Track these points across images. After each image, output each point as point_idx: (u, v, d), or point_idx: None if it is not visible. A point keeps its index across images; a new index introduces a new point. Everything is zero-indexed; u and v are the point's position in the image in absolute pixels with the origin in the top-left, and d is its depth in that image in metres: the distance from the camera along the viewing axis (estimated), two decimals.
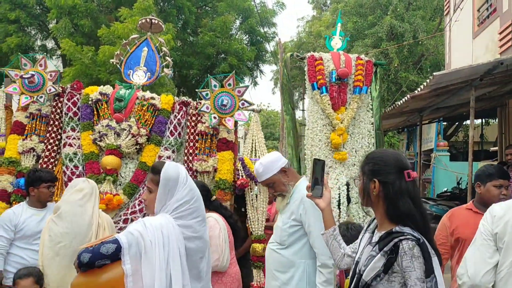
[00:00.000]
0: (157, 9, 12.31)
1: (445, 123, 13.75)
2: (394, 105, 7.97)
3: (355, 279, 1.79)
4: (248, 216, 4.17)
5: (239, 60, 14.52)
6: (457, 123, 14.40)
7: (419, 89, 6.13)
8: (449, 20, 10.52)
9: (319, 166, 2.06)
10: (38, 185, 3.46)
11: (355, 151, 4.16)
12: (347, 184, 4.10)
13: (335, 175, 4.07)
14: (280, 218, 2.95)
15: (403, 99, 7.11)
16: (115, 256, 2.00)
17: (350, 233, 2.62)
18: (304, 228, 2.78)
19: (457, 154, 14.33)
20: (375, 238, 1.82)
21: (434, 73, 5.37)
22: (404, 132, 14.97)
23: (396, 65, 13.93)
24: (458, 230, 2.93)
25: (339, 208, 4.03)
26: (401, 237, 1.68)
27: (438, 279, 1.68)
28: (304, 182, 2.90)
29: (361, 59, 4.24)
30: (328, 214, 2.08)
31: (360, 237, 1.98)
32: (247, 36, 16.25)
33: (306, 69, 4.26)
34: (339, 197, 4.06)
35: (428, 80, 5.66)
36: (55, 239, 3.02)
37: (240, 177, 4.11)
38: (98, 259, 1.98)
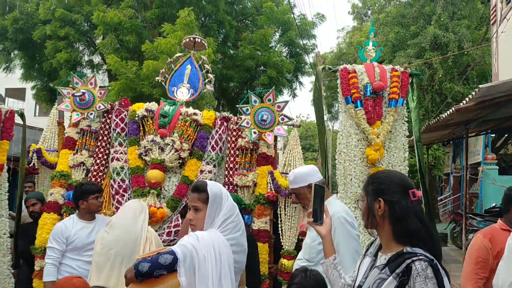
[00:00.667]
0: (198, 24, 12.61)
1: (493, 135, 13.23)
2: (438, 117, 7.77)
3: None
4: (280, 230, 4.17)
5: (278, 72, 14.59)
6: (506, 135, 13.82)
7: (464, 101, 5.96)
8: (495, 30, 10.19)
9: (320, 192, 2.02)
10: (87, 198, 3.64)
11: (392, 166, 4.00)
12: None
13: None
14: (309, 235, 2.96)
15: (448, 112, 6.92)
16: (171, 267, 2.05)
17: (308, 281, 2.39)
18: None
19: (507, 168, 13.72)
20: (381, 260, 1.77)
21: (480, 86, 5.20)
22: (450, 145, 14.51)
23: (440, 75, 13.56)
24: (502, 252, 2.82)
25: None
26: (414, 258, 1.64)
27: None
28: (334, 200, 2.90)
29: (396, 71, 4.09)
30: (328, 242, 2.02)
31: (358, 262, 1.95)
32: (286, 48, 16.33)
33: (339, 82, 4.14)
34: None
35: (473, 93, 5.50)
36: (107, 245, 3.23)
37: (269, 190, 4.13)
38: (157, 269, 2.04)
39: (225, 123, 4.42)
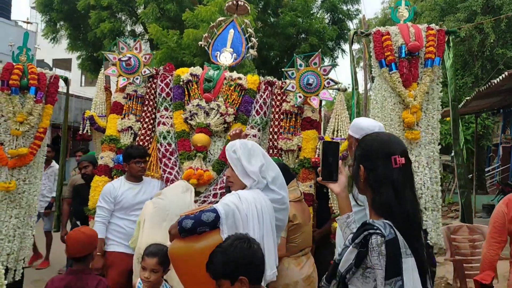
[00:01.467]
0: None
1: None
2: (489, 83, 7.38)
3: (331, 267, 1.66)
4: (329, 195, 4.16)
5: (320, 40, 14.30)
6: None
7: None
8: None
9: (331, 148, 1.94)
10: (129, 161, 3.79)
11: (431, 127, 3.83)
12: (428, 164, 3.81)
13: (413, 157, 3.78)
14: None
15: (500, 77, 6.56)
16: (214, 224, 2.10)
17: (233, 250, 1.95)
18: None
19: None
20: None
21: None
22: (500, 114, 13.85)
23: (492, 41, 12.83)
24: None
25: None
26: (371, 231, 1.53)
27: (408, 283, 1.48)
28: None
29: (432, 29, 3.88)
30: (343, 200, 1.92)
31: None
32: (328, 14, 15.91)
33: (372, 45, 3.97)
34: (422, 181, 3.74)
35: None
36: (163, 208, 3.41)
37: (316, 156, 4.08)
38: (200, 226, 2.09)
39: (269, 88, 4.37)
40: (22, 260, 4.09)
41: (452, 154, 15.31)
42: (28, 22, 17.24)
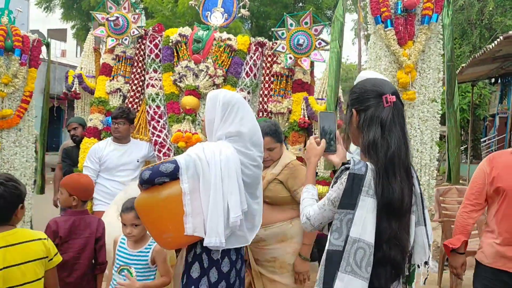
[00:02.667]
0: None
1: None
2: (485, 48, 7.29)
3: None
4: None
5: (317, 9, 14.10)
6: None
7: None
8: None
9: (329, 118, 1.89)
10: (112, 121, 3.81)
11: (425, 87, 3.73)
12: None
13: (407, 119, 3.69)
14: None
15: (496, 41, 6.47)
16: (174, 175, 2.10)
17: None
18: None
19: None
20: None
21: None
22: (497, 84, 13.77)
23: (491, 8, 12.63)
24: (500, 178, 2.47)
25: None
26: (347, 165, 1.58)
27: (357, 220, 1.49)
28: None
29: None
30: None
31: None
32: None
33: (368, 1, 3.80)
34: (414, 143, 3.69)
35: None
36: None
37: (302, 116, 4.05)
38: (157, 177, 2.09)
39: (260, 49, 4.31)
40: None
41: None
42: None
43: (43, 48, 4.45)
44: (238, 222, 2.13)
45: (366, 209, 1.51)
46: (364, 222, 1.50)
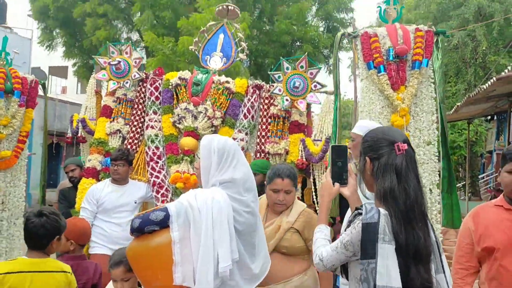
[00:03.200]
0: None
1: None
2: (479, 88, 7.45)
3: None
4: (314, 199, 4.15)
5: (315, 48, 14.40)
6: None
7: (506, 70, 5.68)
8: None
9: (340, 152, 1.94)
10: (111, 163, 3.84)
11: (419, 130, 3.79)
12: None
13: None
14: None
15: (489, 82, 6.62)
16: (164, 223, 2.07)
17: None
18: None
19: None
20: None
21: None
22: (493, 120, 13.94)
23: (484, 48, 12.97)
24: (488, 235, 2.25)
25: None
26: (360, 210, 1.62)
27: (381, 268, 1.51)
28: None
29: (420, 31, 3.82)
30: (354, 203, 1.89)
31: None
32: (323, 22, 16.03)
33: (360, 47, 3.90)
34: None
35: None
36: None
37: (300, 157, 4.10)
38: (147, 225, 2.07)
39: (257, 91, 4.42)
40: None
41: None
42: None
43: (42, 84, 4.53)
44: (227, 272, 2.08)
45: (386, 256, 1.54)
46: (387, 269, 1.52)
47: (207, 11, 11.09)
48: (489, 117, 12.17)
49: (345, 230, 1.68)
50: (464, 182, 11.53)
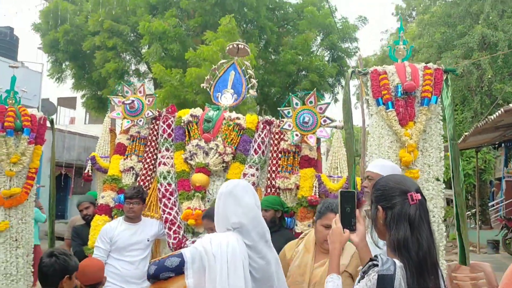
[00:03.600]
0: (240, 31, 12.81)
1: None
2: (486, 119, 7.48)
3: None
4: None
5: (320, 77, 14.55)
6: None
7: None
8: None
9: (348, 197, 1.92)
10: (124, 201, 3.86)
11: (428, 166, 3.83)
12: None
13: None
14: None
15: (497, 113, 6.66)
16: (179, 269, 2.09)
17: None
18: None
19: None
20: None
21: None
22: (501, 148, 13.90)
23: (489, 76, 13.06)
24: None
25: None
26: (375, 261, 1.60)
27: None
28: None
29: (429, 68, 3.92)
30: (362, 250, 1.89)
31: None
32: (328, 52, 16.26)
33: (369, 84, 4.03)
34: None
35: None
36: None
37: (313, 194, 4.10)
38: (163, 272, 2.09)
39: (267, 127, 4.46)
40: None
41: None
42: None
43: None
44: None
45: None
46: None
47: (214, 43, 11.30)
48: (496, 144, 12.14)
49: (358, 282, 1.65)
50: (475, 210, 11.40)
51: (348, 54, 16.45)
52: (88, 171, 4.47)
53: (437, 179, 3.80)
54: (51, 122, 4.68)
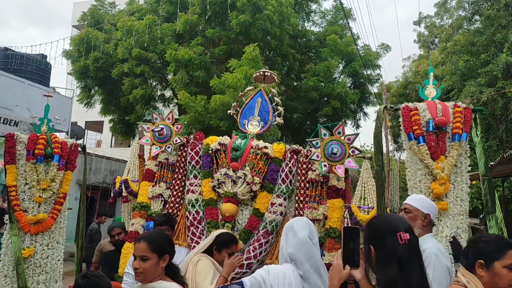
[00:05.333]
0: (263, 59, 13.02)
1: None
2: None
3: None
4: None
5: (342, 103, 14.60)
6: None
7: None
8: None
9: (353, 234, 1.94)
10: (154, 228, 3.91)
11: (459, 199, 3.91)
12: (453, 237, 3.84)
13: (440, 227, 3.85)
14: None
15: None
16: None
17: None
18: None
19: None
20: None
21: None
22: None
23: None
24: None
25: None
26: None
27: None
28: (429, 237, 2.96)
29: (459, 107, 4.07)
30: (365, 286, 1.89)
31: None
32: (350, 79, 16.33)
33: (401, 120, 4.15)
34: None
35: None
36: None
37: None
38: None
39: (295, 156, 4.48)
40: None
41: (481, 216, 14.92)
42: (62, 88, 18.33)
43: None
44: None
45: None
46: None
47: (238, 71, 11.52)
48: None
49: None
50: None
51: (371, 81, 16.50)
52: (122, 193, 4.57)
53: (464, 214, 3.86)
54: (83, 148, 4.82)
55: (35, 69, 14.35)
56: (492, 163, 8.73)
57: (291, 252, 2.37)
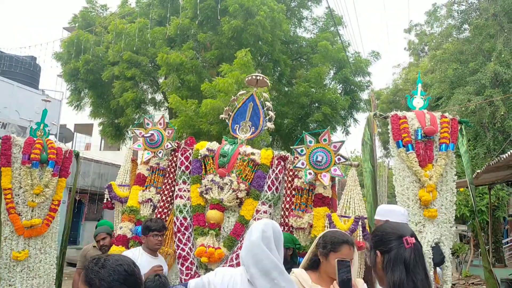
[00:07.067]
0: (254, 64, 13.06)
1: None
2: (499, 158, 7.51)
3: None
4: None
5: (332, 109, 14.65)
6: None
7: None
8: None
9: (344, 266, 2.07)
10: (147, 234, 3.85)
11: (444, 208, 4.01)
12: (436, 243, 3.90)
13: (424, 233, 3.92)
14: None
15: (509, 152, 6.70)
16: None
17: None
18: None
19: None
20: None
21: None
22: None
23: (502, 113, 13.07)
24: None
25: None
26: None
27: None
28: None
29: (446, 117, 4.18)
30: None
31: None
32: (341, 85, 16.43)
33: (390, 127, 4.23)
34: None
35: None
36: None
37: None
38: None
39: (282, 162, 4.45)
40: None
41: (469, 223, 15.06)
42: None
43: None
44: None
45: None
46: None
47: (229, 75, 11.54)
48: (510, 181, 12.03)
49: None
50: (488, 248, 11.23)
51: (361, 88, 16.62)
52: (108, 199, 4.58)
53: (449, 222, 3.96)
54: (77, 155, 4.83)
55: (24, 71, 14.28)
56: (478, 170, 8.85)
57: (241, 255, 2.33)
